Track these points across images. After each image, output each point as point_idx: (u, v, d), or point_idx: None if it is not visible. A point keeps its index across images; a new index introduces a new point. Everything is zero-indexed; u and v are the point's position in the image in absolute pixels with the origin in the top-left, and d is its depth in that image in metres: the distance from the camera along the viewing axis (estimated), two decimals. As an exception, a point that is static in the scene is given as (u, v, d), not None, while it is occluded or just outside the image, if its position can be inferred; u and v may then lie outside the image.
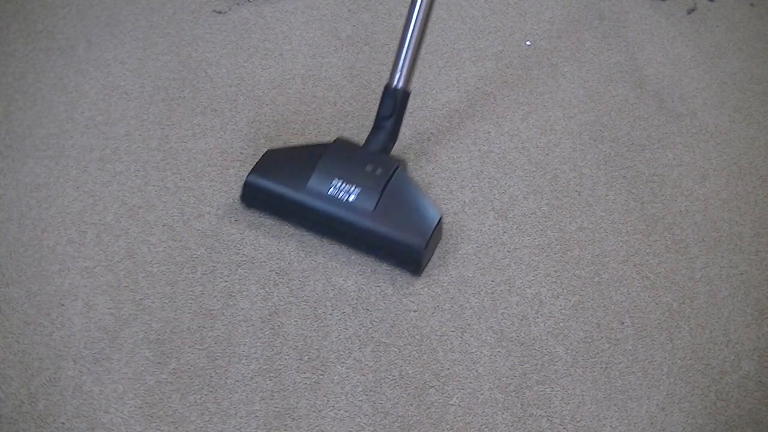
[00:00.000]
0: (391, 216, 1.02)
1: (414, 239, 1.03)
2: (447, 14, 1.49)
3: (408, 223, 1.03)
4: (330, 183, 1.08)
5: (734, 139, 1.34)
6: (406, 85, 1.14)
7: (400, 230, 1.03)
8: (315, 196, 1.09)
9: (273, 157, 1.15)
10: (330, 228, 1.09)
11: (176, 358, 1.04)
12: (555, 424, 1.01)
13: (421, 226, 1.03)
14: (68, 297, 1.08)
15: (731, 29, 1.52)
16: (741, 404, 1.04)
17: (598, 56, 1.44)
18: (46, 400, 0.99)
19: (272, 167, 1.13)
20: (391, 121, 1.13)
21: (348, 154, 1.12)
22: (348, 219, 1.05)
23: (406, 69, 1.11)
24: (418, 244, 1.03)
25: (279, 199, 1.12)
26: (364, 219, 1.04)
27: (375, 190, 1.03)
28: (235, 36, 1.42)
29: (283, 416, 1.00)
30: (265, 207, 1.16)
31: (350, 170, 1.08)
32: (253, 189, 1.14)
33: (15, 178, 1.20)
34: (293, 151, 1.17)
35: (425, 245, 1.03)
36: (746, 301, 1.14)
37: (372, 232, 1.04)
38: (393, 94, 1.14)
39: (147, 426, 0.98)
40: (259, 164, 1.14)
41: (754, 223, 1.23)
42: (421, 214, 1.04)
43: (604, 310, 1.12)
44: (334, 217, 1.06)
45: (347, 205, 1.05)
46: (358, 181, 1.05)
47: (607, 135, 1.33)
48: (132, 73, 1.36)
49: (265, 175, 1.13)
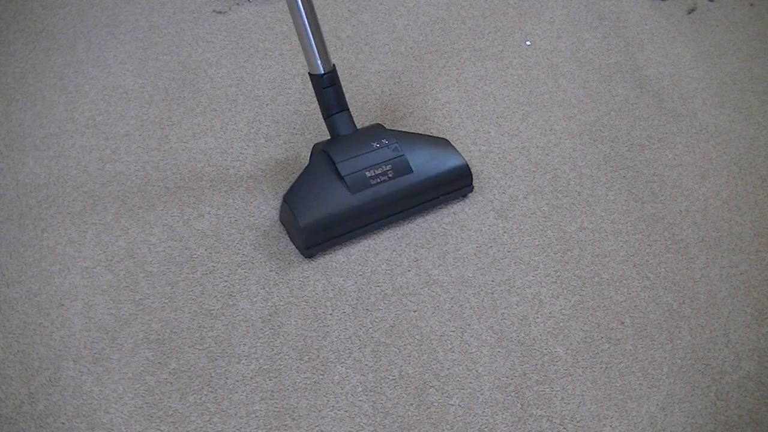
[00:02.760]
0: (426, 163, 1.12)
1: (456, 162, 1.16)
2: (447, 14, 1.49)
3: (440, 157, 1.14)
4: (365, 176, 1.10)
5: (734, 139, 1.34)
6: (327, 66, 1.11)
7: (442, 166, 1.14)
8: (365, 194, 1.10)
9: (295, 199, 1.09)
10: (394, 207, 1.13)
11: (176, 358, 1.04)
12: (555, 424, 1.01)
13: (449, 152, 1.15)
14: (68, 297, 1.08)
15: (731, 29, 1.52)
16: (741, 404, 1.04)
17: (598, 56, 1.44)
18: (46, 400, 0.99)
19: (305, 204, 1.07)
20: (337, 100, 1.13)
21: (347, 147, 1.12)
22: (403, 190, 1.11)
23: (318, 53, 1.08)
24: (462, 164, 1.16)
25: (340, 220, 1.09)
26: (414, 180, 1.12)
27: (400, 155, 1.11)
28: (235, 36, 1.42)
29: (283, 416, 1.00)
30: (331, 238, 1.11)
31: (366, 156, 1.11)
32: (314, 232, 1.07)
33: (15, 178, 1.20)
34: (304, 179, 1.12)
35: (465, 161, 1.17)
36: (746, 301, 1.14)
37: (426, 184, 1.13)
38: (324, 80, 1.12)
39: (147, 426, 0.98)
40: (295, 211, 1.07)
41: (754, 223, 1.23)
42: (438, 145, 1.16)
43: (604, 310, 1.12)
44: (393, 196, 1.11)
45: (394, 182, 1.11)
46: (381, 158, 1.10)
47: (607, 135, 1.33)
48: (132, 73, 1.36)
49: (310, 213, 1.07)
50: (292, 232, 1.12)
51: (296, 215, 1.07)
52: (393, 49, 1.42)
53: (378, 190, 1.10)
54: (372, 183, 1.10)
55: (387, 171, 1.11)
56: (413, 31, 1.45)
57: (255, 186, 1.22)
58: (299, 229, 1.08)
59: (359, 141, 1.13)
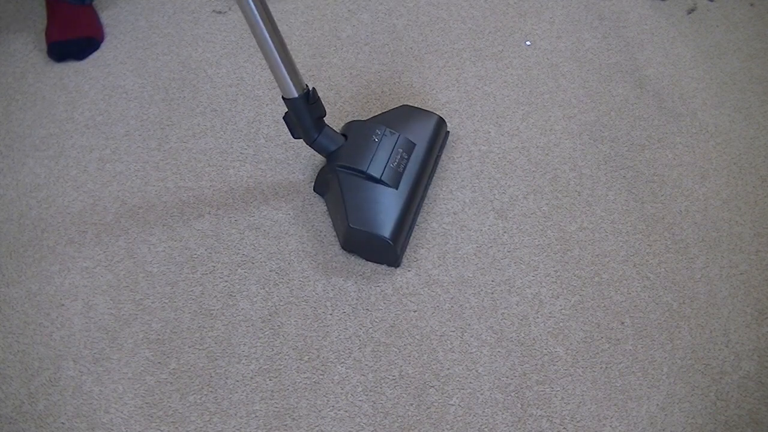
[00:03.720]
0: (417, 132, 1.20)
1: (434, 118, 1.23)
2: (447, 14, 1.49)
3: (421, 122, 1.22)
4: (392, 168, 1.13)
5: (734, 139, 1.34)
6: (301, 87, 1.05)
7: (429, 128, 1.21)
8: (403, 182, 1.13)
9: (361, 220, 1.09)
10: (424, 180, 1.19)
11: (176, 358, 1.04)
12: (555, 424, 1.01)
13: (422, 114, 1.24)
14: (68, 297, 1.08)
15: (731, 29, 1.52)
16: (741, 404, 1.04)
17: (598, 56, 1.44)
18: (46, 400, 0.99)
19: (374, 220, 1.09)
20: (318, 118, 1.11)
21: (358, 153, 1.13)
22: (421, 162, 1.17)
23: (289, 77, 1.02)
24: (438, 116, 1.24)
25: (404, 216, 1.11)
26: (422, 150, 1.18)
27: (398, 135, 1.16)
28: (235, 36, 1.42)
29: (283, 416, 1.00)
30: (408, 236, 1.15)
31: (379, 152, 1.13)
32: (399, 238, 1.10)
33: (15, 178, 1.20)
34: (351, 201, 1.11)
35: (436, 113, 1.28)
36: (746, 301, 1.14)
37: (430, 148, 1.20)
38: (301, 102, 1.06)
39: (147, 426, 0.98)
40: (372, 230, 1.08)
41: (754, 223, 1.23)
42: (408, 113, 1.23)
43: (604, 310, 1.12)
44: (420, 172, 1.16)
45: (412, 160, 1.16)
46: (389, 147, 1.15)
47: (607, 135, 1.33)
48: (132, 73, 1.36)
49: (386, 225, 1.09)
50: (376, 251, 1.11)
51: (376, 233, 1.07)
52: (393, 49, 1.42)
53: (408, 174, 1.14)
54: (400, 170, 1.13)
55: (402, 154, 1.15)
56: (413, 31, 1.45)
57: (255, 186, 1.22)
58: (387, 245, 1.08)
59: (360, 144, 1.14)
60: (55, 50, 1.34)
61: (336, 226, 1.15)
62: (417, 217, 1.18)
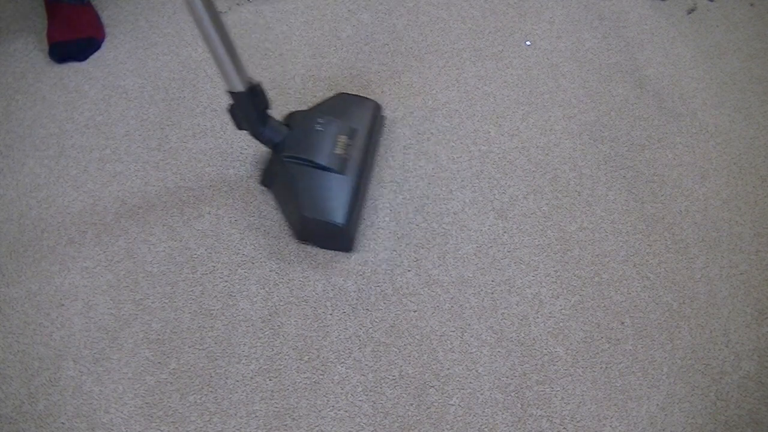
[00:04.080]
0: (356, 118, 1.21)
1: (371, 104, 1.25)
2: (447, 14, 1.49)
3: (358, 108, 1.24)
4: (337, 154, 1.13)
5: (734, 139, 1.34)
6: (246, 82, 1.06)
7: (368, 113, 1.23)
8: (349, 168, 1.14)
9: (313, 209, 1.10)
10: (370, 164, 1.22)
11: (176, 358, 1.04)
12: (555, 424, 1.01)
13: (358, 100, 1.25)
14: (68, 297, 1.08)
15: (731, 29, 1.52)
16: (741, 404, 1.04)
17: (598, 56, 1.44)
18: (46, 400, 0.99)
19: (325, 207, 1.10)
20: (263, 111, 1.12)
21: (303, 142, 1.14)
22: (364, 147, 1.19)
23: (235, 72, 1.02)
24: (374, 102, 1.26)
25: (354, 201, 1.12)
26: (362, 135, 1.20)
27: (338, 122, 1.18)
28: (235, 36, 1.42)
29: (283, 416, 1.00)
30: (358, 222, 1.18)
31: (323, 140, 1.14)
32: (351, 224, 1.11)
33: (15, 178, 1.20)
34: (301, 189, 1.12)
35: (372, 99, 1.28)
36: (746, 301, 1.14)
37: (371, 132, 1.22)
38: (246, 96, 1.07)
39: (147, 426, 0.98)
40: (324, 218, 1.09)
41: (754, 223, 1.23)
42: (346, 100, 1.25)
43: (604, 310, 1.12)
44: (364, 157, 1.18)
45: (355, 145, 1.17)
46: (333, 134, 1.16)
47: (607, 135, 1.33)
48: (132, 73, 1.36)
49: (337, 211, 1.10)
50: (331, 238, 1.12)
51: (330, 220, 1.08)
52: (393, 49, 1.42)
53: (353, 159, 1.15)
54: (345, 157, 1.14)
55: (345, 140, 1.15)
56: (413, 31, 1.45)
57: (255, 186, 1.22)
58: (340, 230, 1.09)
59: (304, 133, 1.15)
60: (56, 51, 1.34)
61: (287, 216, 1.16)
62: (364, 200, 1.20)
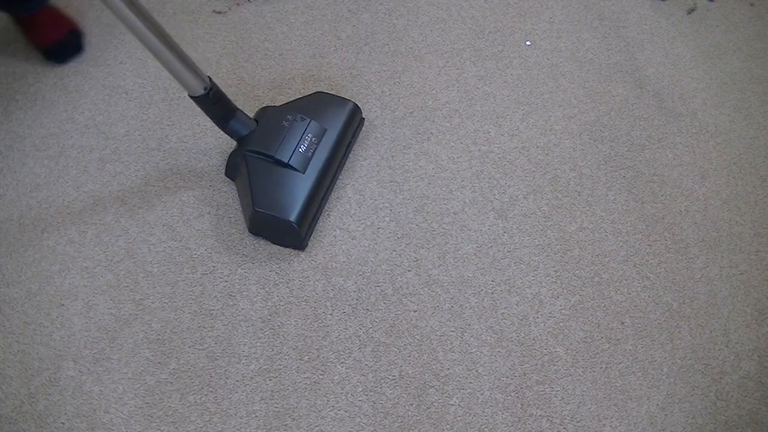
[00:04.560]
0: (330, 118, 1.21)
1: (349, 105, 1.24)
2: (447, 14, 1.49)
3: (334, 108, 1.23)
4: (301, 152, 1.13)
5: (734, 139, 1.34)
6: (204, 82, 1.05)
7: (342, 114, 1.23)
8: (312, 167, 1.14)
9: (266, 203, 1.10)
10: (334, 166, 1.21)
11: (176, 358, 1.04)
12: (555, 424, 1.01)
13: (336, 100, 1.25)
14: (68, 297, 1.08)
15: (731, 29, 1.52)
16: (741, 404, 1.04)
17: (598, 56, 1.44)
18: (46, 400, 0.99)
19: (279, 203, 1.10)
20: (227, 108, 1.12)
21: (267, 137, 1.14)
22: (332, 148, 1.18)
23: (192, 74, 1.02)
24: (353, 104, 1.25)
25: (311, 200, 1.12)
26: (333, 136, 1.19)
27: (309, 121, 1.17)
28: (235, 36, 1.42)
29: (283, 416, 1.00)
30: (313, 221, 1.16)
31: (289, 137, 1.15)
32: (303, 222, 1.11)
33: (15, 178, 1.20)
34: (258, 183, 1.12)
35: (352, 101, 1.27)
36: (746, 301, 1.14)
37: (342, 134, 1.21)
38: (209, 98, 1.07)
39: (147, 426, 0.98)
40: (276, 213, 1.09)
41: (754, 223, 1.23)
42: (322, 99, 1.25)
43: (604, 310, 1.12)
44: (330, 158, 1.17)
45: (322, 145, 1.17)
46: (299, 132, 1.16)
47: (607, 135, 1.33)
48: (132, 73, 1.36)
49: (289, 208, 1.10)
50: (280, 234, 1.13)
51: (281, 216, 1.09)
52: (393, 49, 1.42)
53: (317, 159, 1.15)
54: (309, 155, 1.14)
55: (311, 139, 1.16)
56: (413, 31, 1.45)
57: (255, 186, 1.22)
58: (291, 227, 1.09)
59: (270, 129, 1.15)
60: (52, 53, 1.33)
61: (244, 209, 1.16)
62: (325, 201, 1.19)
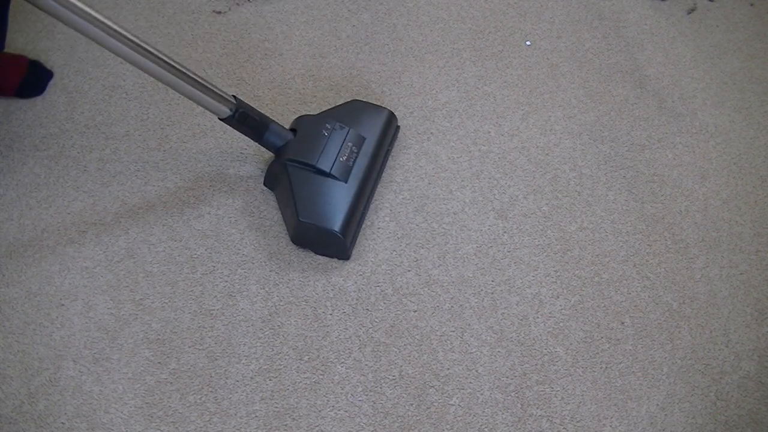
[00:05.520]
0: (367, 126, 1.21)
1: (385, 113, 1.24)
2: (447, 14, 1.49)
3: (371, 116, 1.23)
4: (342, 162, 1.13)
5: (734, 139, 1.34)
6: (230, 103, 1.07)
7: (379, 122, 1.22)
8: (353, 176, 1.14)
9: (311, 214, 1.10)
10: (374, 175, 1.20)
11: (176, 358, 1.04)
12: (555, 424, 1.01)
13: (371, 108, 1.25)
14: (68, 297, 1.08)
15: (731, 29, 1.52)
16: (741, 404, 1.04)
17: (598, 56, 1.44)
18: (46, 400, 0.99)
19: (323, 214, 1.10)
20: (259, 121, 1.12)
21: (308, 147, 1.14)
22: (371, 157, 1.18)
23: (216, 99, 1.03)
24: (388, 111, 1.25)
25: (354, 210, 1.12)
26: (372, 145, 1.19)
27: (348, 130, 1.17)
28: (235, 36, 1.42)
29: (283, 416, 1.00)
30: (357, 230, 1.16)
31: (329, 146, 1.14)
32: (348, 232, 1.11)
33: (15, 178, 1.20)
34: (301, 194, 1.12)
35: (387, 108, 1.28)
36: (746, 301, 1.14)
37: (380, 143, 1.21)
38: (238, 118, 1.09)
39: (147, 426, 0.98)
40: (321, 224, 1.09)
41: (754, 223, 1.23)
42: (358, 107, 1.25)
43: (604, 310, 1.12)
44: (369, 167, 1.17)
45: (362, 155, 1.17)
46: (339, 141, 1.16)
47: (607, 135, 1.33)
48: (132, 73, 1.36)
49: (335, 218, 1.09)
50: (324, 244, 1.12)
51: (326, 227, 1.08)
52: (393, 49, 1.42)
53: (358, 168, 1.15)
54: (350, 164, 1.14)
55: (351, 148, 1.16)
56: (413, 31, 1.45)
57: (255, 186, 1.22)
58: (336, 237, 1.09)
59: (310, 138, 1.15)
60: (25, 90, 1.29)
61: (286, 219, 1.16)
62: (367, 210, 1.19)
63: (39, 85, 1.31)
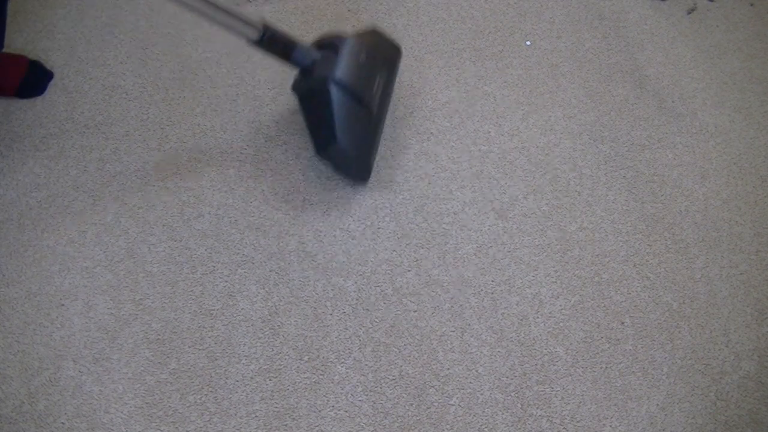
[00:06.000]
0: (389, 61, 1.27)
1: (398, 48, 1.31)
2: (447, 14, 1.49)
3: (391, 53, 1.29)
4: (373, 94, 1.17)
5: (734, 139, 1.34)
6: (258, 27, 1.10)
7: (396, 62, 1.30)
8: (380, 107, 1.20)
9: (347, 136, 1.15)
10: (387, 106, 1.27)
11: (176, 358, 1.04)
12: (555, 424, 1.01)
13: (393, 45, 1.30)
14: (68, 297, 1.08)
15: (731, 29, 1.52)
16: (741, 404, 1.04)
17: (598, 56, 1.44)
18: (46, 400, 0.99)
19: (353, 138, 1.15)
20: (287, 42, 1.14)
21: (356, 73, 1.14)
22: (388, 91, 1.25)
23: (242, 25, 1.08)
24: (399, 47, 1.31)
25: (378, 134, 1.21)
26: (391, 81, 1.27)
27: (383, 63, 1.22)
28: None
29: (283, 416, 1.00)
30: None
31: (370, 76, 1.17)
32: (373, 160, 1.21)
33: (15, 178, 1.20)
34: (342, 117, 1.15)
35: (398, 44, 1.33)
36: (746, 301, 1.14)
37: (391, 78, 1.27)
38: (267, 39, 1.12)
39: (147, 426, 0.98)
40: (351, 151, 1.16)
41: (754, 223, 1.23)
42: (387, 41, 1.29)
43: (604, 310, 1.12)
44: (387, 99, 1.25)
45: (384, 87, 1.22)
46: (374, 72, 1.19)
47: (607, 135, 1.33)
48: (132, 73, 1.36)
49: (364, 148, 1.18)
50: (352, 170, 1.20)
51: (360, 156, 1.17)
52: (393, 49, 1.42)
53: (382, 100, 1.21)
54: (378, 97, 1.20)
55: (379, 81, 1.20)
56: (413, 31, 1.45)
57: (255, 186, 1.22)
58: (366, 167, 1.19)
59: (351, 61, 1.15)
60: (25, 90, 1.29)
61: (314, 132, 1.19)
62: (380, 139, 1.26)
63: (39, 85, 1.31)
